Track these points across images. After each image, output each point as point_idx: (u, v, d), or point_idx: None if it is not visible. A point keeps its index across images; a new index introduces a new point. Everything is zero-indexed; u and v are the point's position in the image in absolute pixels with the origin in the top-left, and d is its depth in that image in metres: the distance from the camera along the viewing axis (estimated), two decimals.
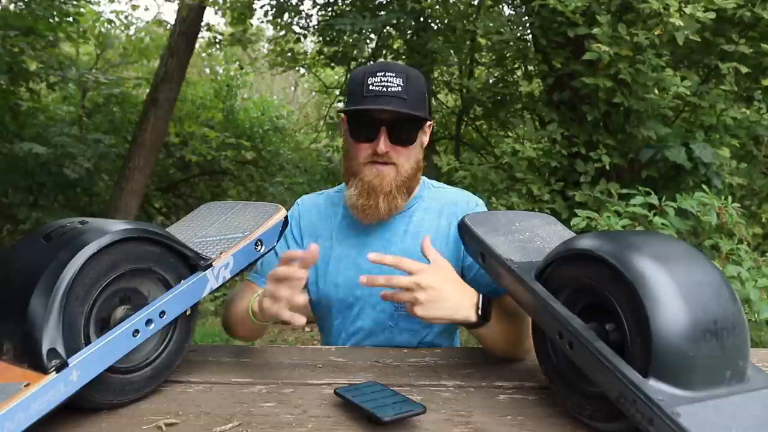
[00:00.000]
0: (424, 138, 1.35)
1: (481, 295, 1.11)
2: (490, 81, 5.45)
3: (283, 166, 7.89)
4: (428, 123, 1.34)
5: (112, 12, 11.96)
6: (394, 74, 1.24)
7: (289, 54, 6.55)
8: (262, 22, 9.21)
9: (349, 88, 1.31)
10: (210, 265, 1.05)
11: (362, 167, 1.28)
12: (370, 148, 1.26)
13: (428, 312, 1.05)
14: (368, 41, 5.69)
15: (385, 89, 1.23)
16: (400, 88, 1.24)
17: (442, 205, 1.39)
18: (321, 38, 6.05)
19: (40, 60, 5.43)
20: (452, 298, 1.08)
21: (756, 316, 2.63)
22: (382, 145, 1.24)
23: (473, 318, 1.09)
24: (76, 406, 0.90)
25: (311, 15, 6.21)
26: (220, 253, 1.08)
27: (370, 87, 1.24)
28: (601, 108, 3.85)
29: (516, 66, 5.39)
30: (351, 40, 5.24)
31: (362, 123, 1.26)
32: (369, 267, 1.32)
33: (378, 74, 1.24)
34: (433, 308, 1.06)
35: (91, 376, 0.87)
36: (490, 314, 1.10)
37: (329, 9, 5.95)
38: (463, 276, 1.33)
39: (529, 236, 1.15)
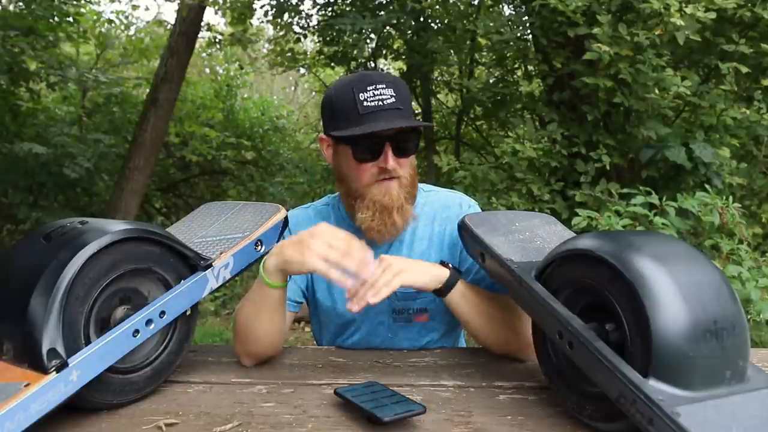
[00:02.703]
0: None
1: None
2: (490, 81, 5.45)
3: (283, 166, 7.87)
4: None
5: (112, 12, 11.96)
6: (384, 85, 1.20)
7: (289, 54, 6.55)
8: (262, 22, 9.20)
9: (337, 108, 1.22)
10: (210, 265, 1.06)
11: (368, 188, 1.23)
12: (375, 167, 1.21)
13: (413, 275, 1.13)
14: (368, 41, 5.69)
15: (381, 103, 1.18)
16: (394, 99, 1.19)
17: (434, 210, 1.36)
18: (321, 38, 6.05)
19: (40, 60, 5.43)
20: (422, 263, 1.18)
21: (759, 316, 2.63)
22: (391, 161, 1.20)
23: (447, 273, 1.16)
24: (76, 406, 0.90)
25: (311, 15, 6.21)
26: (220, 253, 1.08)
27: (365, 104, 1.18)
28: (601, 108, 3.85)
29: (516, 66, 5.39)
30: (351, 40, 5.24)
31: (365, 143, 1.20)
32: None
33: (369, 89, 1.19)
34: (414, 272, 1.14)
35: (91, 376, 0.87)
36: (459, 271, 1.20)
37: (329, 9, 5.95)
38: None
39: (529, 236, 1.15)
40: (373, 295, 1.07)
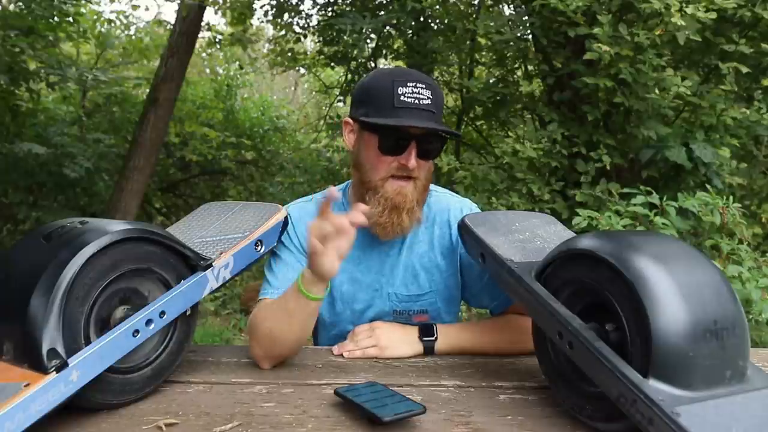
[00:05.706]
0: None
1: (417, 327, 1.27)
2: (490, 81, 5.44)
3: (283, 166, 7.88)
4: None
5: (112, 12, 11.96)
6: (424, 86, 1.20)
7: (289, 54, 6.55)
8: (262, 22, 9.21)
9: (372, 94, 1.23)
10: (210, 265, 1.06)
11: (382, 182, 1.23)
12: (396, 162, 1.21)
13: (396, 352, 1.23)
14: (368, 41, 5.68)
15: (417, 101, 1.19)
16: (429, 101, 1.20)
17: (434, 213, 1.36)
18: (321, 38, 6.04)
19: (40, 60, 5.42)
20: (406, 334, 1.26)
21: (759, 316, 2.62)
22: (413, 160, 1.20)
23: (421, 348, 1.25)
24: (76, 406, 0.90)
25: (311, 15, 6.21)
26: (220, 253, 1.08)
27: (402, 98, 1.18)
28: (601, 108, 3.85)
29: (516, 66, 5.38)
30: (351, 40, 5.23)
31: (392, 136, 1.20)
32: (369, 281, 1.32)
33: (409, 84, 1.19)
34: (398, 348, 1.23)
35: (91, 376, 0.87)
36: (435, 332, 1.26)
37: (329, 9, 5.95)
38: (464, 286, 1.35)
39: (529, 236, 1.15)
40: (348, 354, 1.23)
